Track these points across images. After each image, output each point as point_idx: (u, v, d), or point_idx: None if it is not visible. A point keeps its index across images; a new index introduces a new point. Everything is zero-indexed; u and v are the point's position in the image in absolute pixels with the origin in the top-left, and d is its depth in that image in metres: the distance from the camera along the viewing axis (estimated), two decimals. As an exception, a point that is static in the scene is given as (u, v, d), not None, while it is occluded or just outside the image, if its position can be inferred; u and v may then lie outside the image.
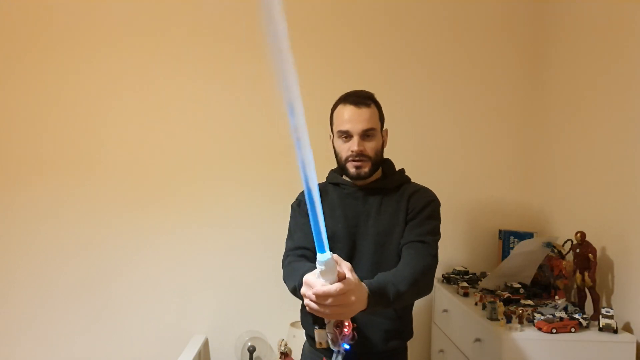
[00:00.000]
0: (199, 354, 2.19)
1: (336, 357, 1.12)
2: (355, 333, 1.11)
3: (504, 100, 2.47)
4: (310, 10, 2.42)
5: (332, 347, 1.12)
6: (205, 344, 2.38)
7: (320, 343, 1.14)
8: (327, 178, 1.58)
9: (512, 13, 2.45)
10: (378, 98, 1.50)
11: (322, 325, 1.14)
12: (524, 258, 2.00)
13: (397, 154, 2.50)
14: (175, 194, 2.39)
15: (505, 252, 2.31)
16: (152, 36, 2.39)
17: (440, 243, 1.49)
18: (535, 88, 2.45)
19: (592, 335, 1.64)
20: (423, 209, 1.43)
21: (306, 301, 1.06)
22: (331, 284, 1.00)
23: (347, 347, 1.10)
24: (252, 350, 2.28)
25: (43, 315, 2.35)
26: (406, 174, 1.57)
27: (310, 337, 1.52)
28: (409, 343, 1.51)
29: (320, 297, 1.01)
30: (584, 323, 1.66)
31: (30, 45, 2.34)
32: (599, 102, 1.97)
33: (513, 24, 2.45)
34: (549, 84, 2.36)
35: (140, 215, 2.38)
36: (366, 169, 1.44)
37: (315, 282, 1.02)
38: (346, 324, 1.09)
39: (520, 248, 2.04)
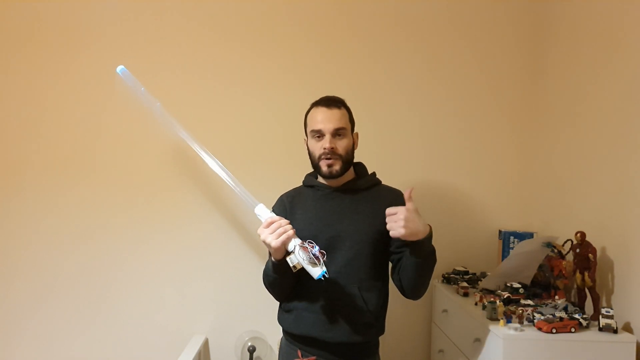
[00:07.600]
0: (199, 354, 2.19)
1: (322, 260, 1.34)
2: (320, 248, 1.35)
3: (504, 100, 2.47)
4: (311, 8, 2.42)
5: (308, 263, 1.34)
6: (205, 344, 2.38)
7: (295, 267, 1.36)
8: (303, 181, 1.69)
9: (512, 13, 2.45)
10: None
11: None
12: (524, 258, 2.00)
13: (398, 153, 2.49)
14: (176, 193, 2.38)
15: (505, 252, 2.31)
16: (150, 35, 2.39)
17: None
18: (536, 88, 2.45)
19: (592, 335, 1.64)
20: None
21: (264, 237, 1.38)
22: None
23: (316, 247, 1.35)
24: (252, 350, 2.28)
25: (41, 315, 2.34)
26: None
27: (287, 333, 1.60)
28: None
29: (268, 223, 1.39)
30: (584, 323, 1.66)
31: (28, 44, 2.34)
32: (600, 102, 1.97)
33: (514, 24, 2.45)
34: (550, 84, 2.36)
35: (139, 214, 2.38)
36: (337, 167, 1.53)
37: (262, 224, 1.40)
38: (310, 245, 1.36)
39: (520, 248, 2.04)
